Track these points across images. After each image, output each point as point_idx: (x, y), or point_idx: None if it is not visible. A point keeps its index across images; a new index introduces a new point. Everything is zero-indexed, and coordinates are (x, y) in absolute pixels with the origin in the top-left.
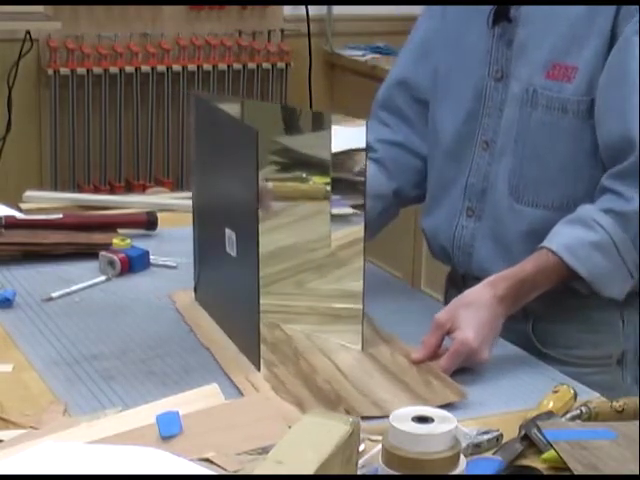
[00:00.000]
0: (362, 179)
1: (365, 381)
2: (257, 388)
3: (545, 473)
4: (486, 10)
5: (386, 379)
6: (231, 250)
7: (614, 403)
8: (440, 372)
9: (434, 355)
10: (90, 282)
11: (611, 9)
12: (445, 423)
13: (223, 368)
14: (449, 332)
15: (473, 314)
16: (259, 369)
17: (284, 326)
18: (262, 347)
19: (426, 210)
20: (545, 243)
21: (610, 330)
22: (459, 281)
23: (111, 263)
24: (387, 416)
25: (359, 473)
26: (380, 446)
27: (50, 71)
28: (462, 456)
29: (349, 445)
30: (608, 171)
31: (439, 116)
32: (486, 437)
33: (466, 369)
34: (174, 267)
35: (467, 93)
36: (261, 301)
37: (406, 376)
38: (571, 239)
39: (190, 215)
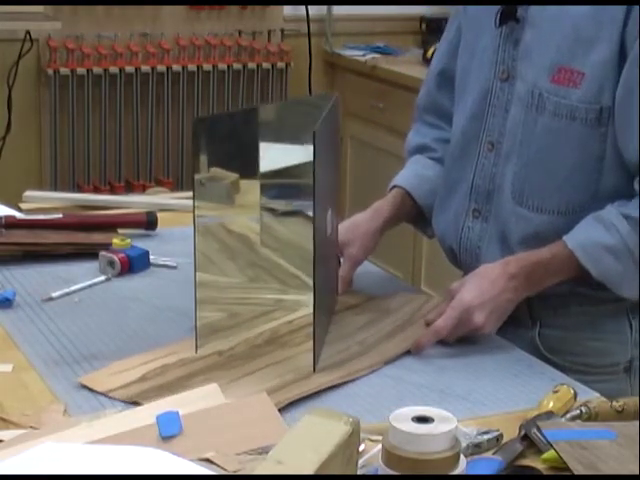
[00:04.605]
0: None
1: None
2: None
3: (545, 473)
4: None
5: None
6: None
7: (614, 403)
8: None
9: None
10: (90, 282)
11: (619, 13)
12: (445, 423)
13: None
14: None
15: (477, 282)
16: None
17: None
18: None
19: (435, 210)
20: (565, 236)
21: (618, 338)
22: None
23: (111, 263)
24: None
25: (359, 473)
26: (380, 446)
27: (50, 71)
28: (462, 456)
29: (349, 445)
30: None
31: (454, 117)
32: (486, 437)
33: (469, 368)
34: (174, 267)
35: (475, 93)
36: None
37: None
38: (587, 238)
39: (190, 215)
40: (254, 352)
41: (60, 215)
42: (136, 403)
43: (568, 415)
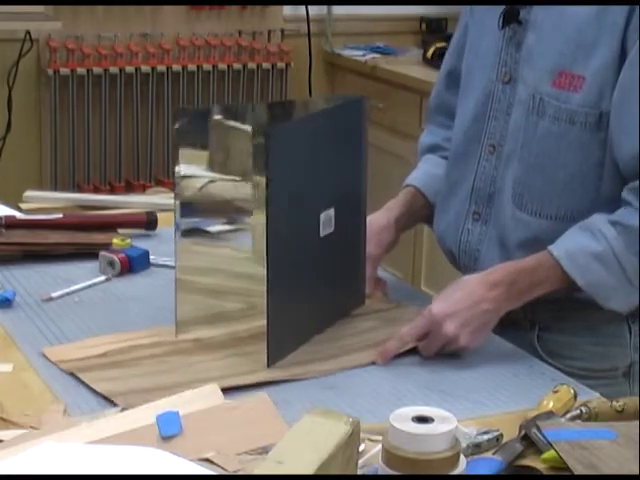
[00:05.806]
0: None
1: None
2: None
3: (545, 473)
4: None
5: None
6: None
7: (614, 403)
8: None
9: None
10: (90, 282)
11: (620, 18)
12: (445, 423)
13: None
14: None
15: (452, 292)
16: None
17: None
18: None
19: (436, 212)
20: (550, 245)
21: (617, 343)
22: None
23: (111, 263)
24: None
25: (359, 473)
26: (380, 446)
27: (50, 71)
28: (462, 456)
29: (349, 445)
30: (629, 183)
31: (456, 118)
32: (486, 437)
33: (466, 362)
34: (174, 267)
35: (477, 95)
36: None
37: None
38: (574, 246)
39: None
40: (232, 343)
41: (60, 215)
42: (73, 374)
43: (568, 415)
